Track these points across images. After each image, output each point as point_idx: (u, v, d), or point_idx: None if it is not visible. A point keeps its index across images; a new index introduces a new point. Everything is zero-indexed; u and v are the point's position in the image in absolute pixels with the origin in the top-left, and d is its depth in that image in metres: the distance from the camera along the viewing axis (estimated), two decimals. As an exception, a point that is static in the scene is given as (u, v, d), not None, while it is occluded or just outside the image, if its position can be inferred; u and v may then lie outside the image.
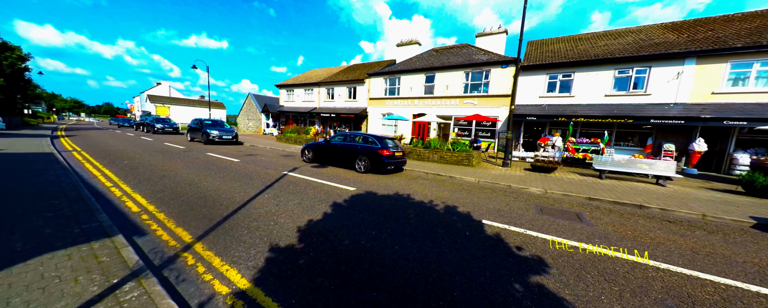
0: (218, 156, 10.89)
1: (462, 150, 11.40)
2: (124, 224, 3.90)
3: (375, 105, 22.02)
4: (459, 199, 5.93)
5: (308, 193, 5.87)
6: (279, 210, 4.71)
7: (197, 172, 7.60)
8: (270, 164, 9.64)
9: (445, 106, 18.12)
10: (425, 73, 18.96)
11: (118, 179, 6.47)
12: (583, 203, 6.18)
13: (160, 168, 8.04)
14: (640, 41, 13.10)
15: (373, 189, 6.45)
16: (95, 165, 8.20)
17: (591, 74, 13.06)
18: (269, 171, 8.31)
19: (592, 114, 12.08)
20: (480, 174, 9.11)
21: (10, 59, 18.68)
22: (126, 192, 5.43)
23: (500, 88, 15.82)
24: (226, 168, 8.50)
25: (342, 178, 7.64)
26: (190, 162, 9.20)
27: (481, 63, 16.41)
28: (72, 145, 12.75)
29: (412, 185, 7.26)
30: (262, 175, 7.58)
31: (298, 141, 18.49)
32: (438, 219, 4.48)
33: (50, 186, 5.25)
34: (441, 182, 7.97)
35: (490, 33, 19.25)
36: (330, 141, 9.83)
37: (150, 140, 16.83)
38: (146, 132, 24.46)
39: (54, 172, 6.43)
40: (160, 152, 11.50)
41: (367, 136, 8.99)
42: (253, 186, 6.34)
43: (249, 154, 12.09)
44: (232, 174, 7.60)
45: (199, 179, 6.78)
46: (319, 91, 26.59)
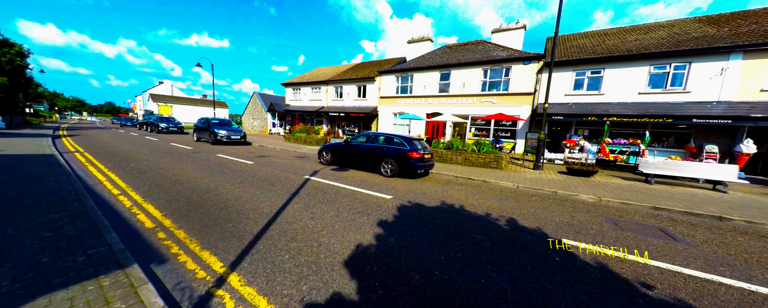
0: (230, 158, 10.21)
1: (488, 151, 10.67)
2: (138, 246, 3.21)
3: (386, 104, 21.29)
4: (514, 210, 5.22)
5: (342, 203, 5.17)
6: (316, 225, 4.01)
7: (211, 177, 6.91)
8: (287, 167, 8.95)
9: (462, 104, 17.38)
10: (440, 71, 18.21)
11: (125, 185, 5.79)
12: (653, 214, 5.46)
13: (170, 171, 7.36)
14: (675, 35, 12.31)
15: (411, 198, 5.75)
16: (100, 168, 7.53)
17: (623, 71, 12.29)
18: (289, 175, 7.62)
19: (625, 113, 11.32)
20: (514, 179, 8.39)
21: (9, 55, 18.06)
22: (136, 202, 4.74)
23: (522, 85, 15.06)
24: (242, 171, 7.81)
25: (370, 184, 6.94)
26: (202, 165, 8.52)
27: (500, 59, 15.65)
28: (74, 146, 12.10)
29: (449, 191, 6.55)
30: (283, 180, 6.89)
31: (308, 141, 17.82)
32: (509, 239, 3.77)
33: (50, 196, 4.57)
34: (477, 188, 7.25)
35: (508, 29, 18.49)
36: (350, 142, 9.13)
37: (155, 140, 16.18)
38: (150, 131, 23.84)
39: (54, 178, 5.75)
40: (167, 153, 10.84)
41: (393, 137, 8.27)
42: (277, 193, 5.64)
43: (261, 156, 11.41)
44: (250, 178, 6.91)
45: (216, 185, 6.10)
46: (327, 89, 25.88)
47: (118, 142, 14.49)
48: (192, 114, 56.92)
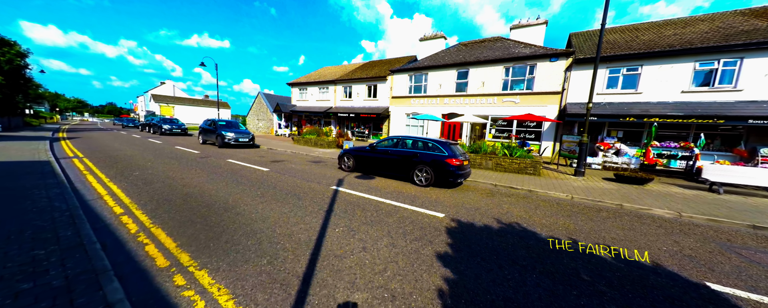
0: (242, 165, 9.36)
1: (522, 156, 9.79)
2: (149, 299, 2.36)
3: (398, 104, 20.42)
4: (598, 233, 4.35)
5: (389, 224, 4.31)
6: (374, 260, 3.15)
7: (227, 188, 6.06)
8: (307, 174, 8.09)
9: (481, 104, 16.50)
10: (457, 69, 17.32)
11: (129, 201, 4.94)
12: (759, 235, 4.58)
13: (179, 181, 6.51)
14: (720, 29, 11.40)
15: (465, 216, 4.88)
16: (100, 177, 6.68)
17: (664, 67, 11.39)
18: (312, 185, 6.76)
19: (669, 113, 10.43)
20: (561, 187, 7.51)
21: (8, 55, 17.27)
22: (143, 226, 3.89)
23: (547, 84, 14.17)
24: (259, 181, 6.95)
25: (408, 196, 6.07)
26: (213, 173, 7.68)
27: (524, 56, 14.77)
28: (73, 150, 11.28)
29: (501, 205, 5.68)
30: (309, 192, 6.03)
31: (319, 143, 16.96)
32: (637, 284, 2.88)
33: (38, 219, 3.72)
34: (527, 200, 6.38)
35: (528, 24, 17.60)
36: (376, 146, 8.26)
37: (159, 143, 15.36)
38: (153, 133, 23.04)
39: (47, 193, 4.91)
40: (173, 158, 10.00)
41: (428, 141, 7.39)
42: (308, 210, 4.79)
43: (274, 161, 10.56)
44: (271, 190, 6.06)
45: (234, 199, 5.24)
46: (335, 89, 25.02)
47: (120, 145, 13.67)
48: (194, 114, 56.17)
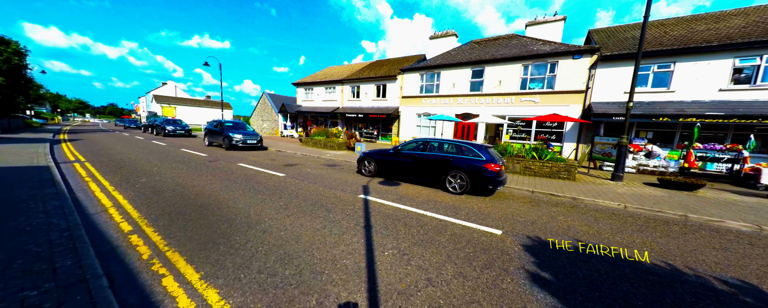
0: (255, 169, 8.75)
1: (554, 159, 9.16)
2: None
3: (409, 104, 19.79)
4: (694, 256, 3.72)
5: (443, 244, 3.68)
6: (450, 299, 2.52)
7: (245, 198, 5.44)
8: (325, 180, 7.47)
9: (497, 104, 15.86)
10: (472, 67, 16.69)
11: (138, 215, 4.33)
12: None
13: (191, 190, 5.90)
14: (760, 24, 10.74)
15: (526, 233, 4.25)
16: (103, 185, 6.08)
17: (699, 64, 10.74)
18: (336, 192, 6.14)
19: (708, 113, 9.77)
20: (606, 194, 6.88)
21: (6, 54, 16.69)
22: (157, 250, 3.27)
23: (570, 82, 13.52)
24: (277, 188, 6.34)
25: (447, 207, 5.45)
26: (226, 179, 7.06)
27: (544, 54, 14.13)
28: (75, 154, 10.69)
29: (557, 218, 5.05)
30: (335, 202, 5.41)
31: (328, 145, 16.34)
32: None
33: (31, 242, 3.11)
34: (578, 210, 5.75)
35: (545, 21, 16.94)
36: (400, 150, 7.63)
37: (163, 145, 14.76)
38: (155, 134, 22.47)
39: (43, 206, 4.30)
40: (180, 162, 9.40)
41: (462, 144, 6.75)
42: (343, 226, 4.16)
43: (287, 165, 9.95)
44: (293, 199, 5.44)
45: (257, 212, 4.63)
46: (343, 89, 24.40)
47: (123, 147, 13.08)
48: (196, 115, 55.68)
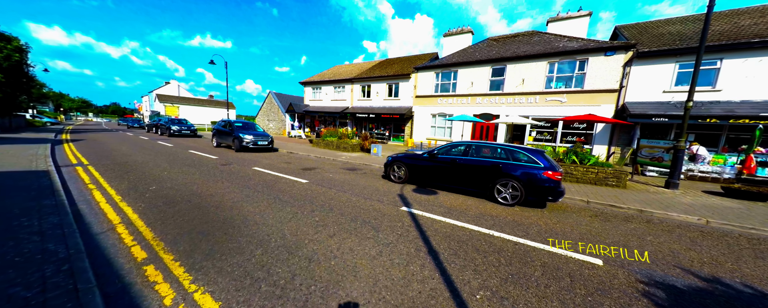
0: (273, 174, 8.01)
1: (598, 164, 8.37)
2: None
3: (423, 103, 19.03)
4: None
5: (540, 281, 2.93)
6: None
7: (272, 210, 4.70)
8: (353, 187, 6.73)
9: (519, 104, 15.08)
10: (492, 65, 15.90)
11: (153, 236, 3.59)
12: None
13: (209, 200, 5.16)
14: (816, 17, 9.93)
15: (630, 261, 3.49)
16: (109, 195, 5.35)
17: (750, 61, 9.93)
18: (373, 204, 5.39)
19: (763, 114, 8.97)
20: (674, 206, 6.11)
21: (6, 51, 16.03)
22: (182, 290, 2.53)
23: (602, 81, 12.72)
24: (306, 198, 5.59)
25: (507, 222, 4.69)
26: (244, 186, 6.33)
27: (572, 51, 13.33)
28: (77, 155, 9.99)
29: (645, 237, 4.28)
30: (378, 216, 4.66)
31: (341, 146, 15.59)
32: None
33: (20, 279, 2.37)
34: (657, 226, 4.97)
35: (569, 17, 16.16)
36: (437, 154, 6.87)
37: (169, 146, 14.07)
38: (160, 134, 21.81)
39: (39, 224, 3.57)
40: (191, 166, 8.68)
41: (513, 149, 5.97)
42: (402, 252, 3.42)
43: (305, 169, 9.21)
44: (329, 213, 4.70)
45: (291, 231, 3.89)
46: (352, 88, 23.66)
47: (128, 149, 12.38)
48: (199, 115, 55.14)
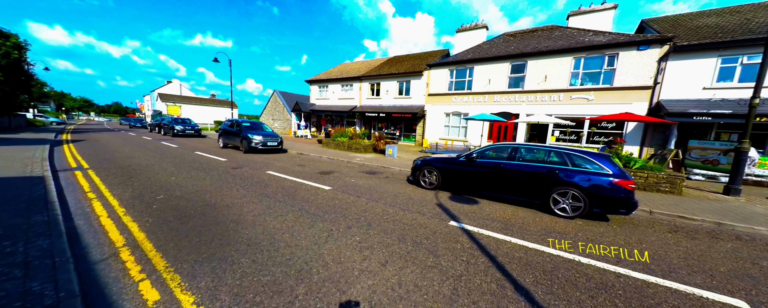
0: (290, 179, 7.31)
1: (648, 168, 7.63)
2: None
3: (436, 102, 18.28)
4: None
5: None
6: None
7: (301, 225, 4.00)
8: (383, 196, 6.02)
9: (542, 102, 14.31)
10: (511, 61, 15.14)
11: (166, 265, 2.89)
12: None
13: (225, 212, 4.46)
14: None
15: (757, 294, 2.78)
16: (111, 206, 4.66)
17: (804, 55, 9.13)
18: (415, 217, 4.68)
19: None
20: (749, 216, 5.37)
21: (5, 48, 15.40)
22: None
23: (633, 77, 11.93)
24: (333, 209, 4.89)
25: (580, 241, 3.98)
26: (262, 194, 5.63)
27: (599, 45, 12.55)
28: (77, 158, 9.32)
29: (760, 263, 3.57)
30: (425, 234, 3.95)
31: (353, 147, 14.89)
32: None
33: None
34: (750, 244, 4.25)
35: (592, 10, 15.39)
36: (476, 157, 6.15)
37: (174, 147, 13.40)
38: (164, 134, 21.16)
39: (25, 250, 2.87)
40: (200, 169, 7.99)
41: (571, 153, 5.20)
42: (482, 289, 2.71)
43: (322, 172, 8.51)
44: (367, 228, 3.99)
45: (332, 255, 3.18)
46: (361, 86, 22.93)
47: (131, 150, 11.71)
48: (201, 114, 54.53)
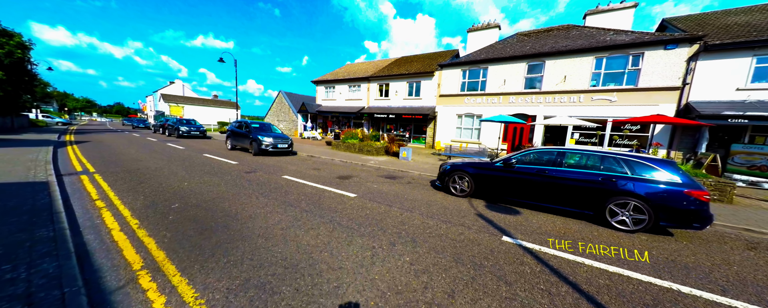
0: (308, 184, 6.84)
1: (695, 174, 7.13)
2: None
3: (448, 103, 17.81)
4: None
5: None
6: None
7: (337, 242, 3.53)
8: (413, 204, 5.54)
9: (560, 103, 13.83)
10: (528, 62, 14.67)
11: (193, 294, 2.42)
12: None
13: (250, 226, 3.99)
14: None
15: None
16: (123, 217, 4.19)
17: None
18: (459, 230, 4.20)
19: None
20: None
21: (8, 47, 15.04)
22: None
23: (660, 77, 11.44)
24: (365, 219, 4.41)
25: (661, 263, 3.49)
26: (284, 203, 5.16)
27: (622, 45, 12.07)
28: (82, 161, 8.88)
29: None
30: (480, 253, 3.48)
31: (364, 149, 14.42)
32: None
33: None
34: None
35: (610, 9, 14.95)
36: (515, 163, 5.66)
37: (181, 149, 12.97)
38: (168, 135, 20.77)
39: (27, 275, 2.40)
40: (212, 174, 7.53)
41: (631, 160, 4.63)
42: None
43: (340, 177, 8.04)
44: (413, 246, 3.52)
45: (383, 282, 2.71)
46: (369, 87, 22.49)
47: (137, 152, 11.28)
48: (203, 115, 54.22)
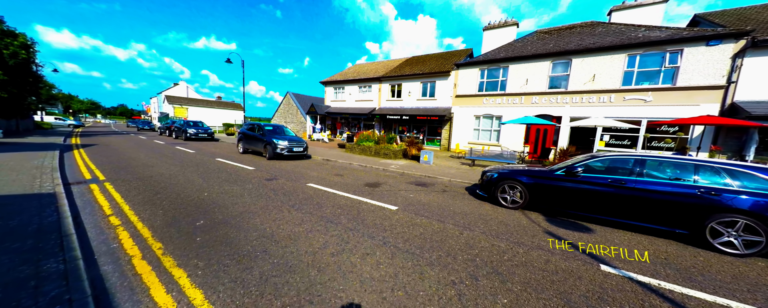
0: (340, 194, 6.21)
1: None
2: None
3: (465, 104, 17.15)
4: None
5: None
6: None
7: (404, 273, 2.89)
8: (465, 219, 4.90)
9: (589, 103, 13.13)
10: (552, 60, 13.99)
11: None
12: None
13: (293, 251, 3.36)
14: None
15: None
16: (143, 239, 3.57)
17: None
18: (542, 255, 3.55)
19: None
20: None
21: (12, 47, 14.56)
22: None
23: (702, 75, 10.73)
24: (424, 241, 3.77)
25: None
26: (323, 219, 4.53)
27: (659, 41, 11.37)
28: (90, 167, 8.30)
29: None
30: (589, 290, 2.83)
31: (381, 152, 13.79)
32: None
33: None
34: None
35: (639, 5, 14.26)
36: (579, 172, 4.99)
37: (191, 152, 12.39)
38: (175, 138, 20.24)
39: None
40: (230, 181, 6.92)
41: (735, 169, 3.87)
42: None
43: (368, 184, 7.40)
44: (498, 279, 2.87)
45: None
46: (380, 87, 21.88)
47: (146, 156, 10.71)
48: (208, 116, 53.90)
